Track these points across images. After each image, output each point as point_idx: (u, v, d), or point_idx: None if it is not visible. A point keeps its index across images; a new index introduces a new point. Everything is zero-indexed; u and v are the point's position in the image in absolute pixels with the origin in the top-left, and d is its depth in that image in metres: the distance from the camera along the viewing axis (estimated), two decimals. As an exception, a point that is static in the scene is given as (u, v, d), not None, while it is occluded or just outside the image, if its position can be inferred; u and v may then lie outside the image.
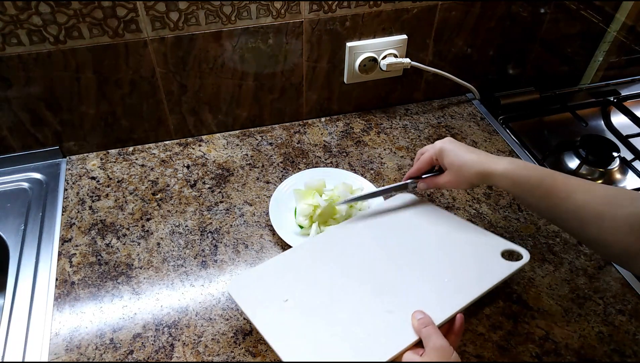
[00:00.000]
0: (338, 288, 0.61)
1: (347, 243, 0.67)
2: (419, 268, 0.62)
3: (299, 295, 0.60)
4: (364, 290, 0.60)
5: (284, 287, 0.61)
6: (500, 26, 0.95)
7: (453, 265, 0.62)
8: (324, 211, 0.73)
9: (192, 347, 0.62)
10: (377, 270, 0.63)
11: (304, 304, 0.59)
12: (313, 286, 0.61)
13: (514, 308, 0.67)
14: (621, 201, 0.53)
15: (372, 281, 0.61)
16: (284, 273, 0.63)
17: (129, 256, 0.72)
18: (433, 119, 0.99)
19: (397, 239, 0.67)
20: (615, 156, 0.89)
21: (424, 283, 0.60)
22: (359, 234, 0.69)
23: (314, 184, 0.77)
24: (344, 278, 0.62)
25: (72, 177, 0.84)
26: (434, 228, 0.68)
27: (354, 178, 0.83)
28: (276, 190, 0.80)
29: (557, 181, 0.57)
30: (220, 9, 0.77)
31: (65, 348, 0.62)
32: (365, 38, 0.89)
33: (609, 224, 0.52)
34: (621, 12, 1.02)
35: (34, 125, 0.82)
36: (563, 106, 1.03)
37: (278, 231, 0.73)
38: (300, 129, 0.95)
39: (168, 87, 0.84)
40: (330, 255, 0.66)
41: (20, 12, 0.69)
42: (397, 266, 0.63)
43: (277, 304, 0.59)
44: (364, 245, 0.67)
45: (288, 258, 0.65)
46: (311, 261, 0.65)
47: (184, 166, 0.87)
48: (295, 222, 0.76)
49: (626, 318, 0.66)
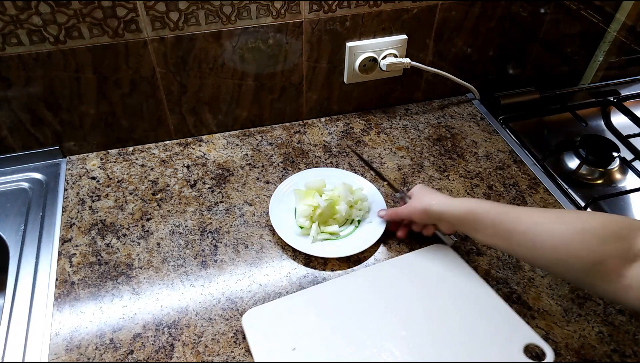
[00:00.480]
0: (345, 346, 0.60)
1: (364, 298, 0.65)
2: (436, 341, 0.59)
3: (306, 347, 0.59)
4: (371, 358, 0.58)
5: (293, 333, 0.61)
6: (500, 26, 0.95)
7: (473, 349, 0.58)
8: (324, 212, 0.73)
9: (192, 347, 0.62)
10: (390, 338, 0.60)
11: (310, 356, 0.58)
12: (322, 339, 0.60)
13: (514, 308, 0.67)
14: (567, 218, 0.56)
15: (383, 348, 0.59)
16: (296, 316, 0.63)
17: (129, 256, 0.72)
18: (433, 119, 0.99)
19: (417, 303, 0.64)
20: (615, 156, 0.89)
21: (439, 357, 0.57)
22: (380, 289, 0.66)
23: (314, 184, 0.77)
24: (353, 336, 0.60)
25: (72, 177, 0.84)
26: (459, 299, 0.64)
27: (354, 178, 0.83)
28: (276, 190, 0.80)
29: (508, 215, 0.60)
30: (220, 9, 0.77)
31: (65, 348, 0.62)
32: (365, 38, 0.89)
33: (561, 243, 0.54)
34: (621, 12, 1.02)
35: (34, 125, 0.82)
36: (563, 106, 1.03)
37: (278, 232, 0.73)
38: (300, 129, 0.95)
39: (168, 87, 0.84)
40: (344, 306, 0.64)
41: (20, 12, 0.69)
42: (413, 331, 0.60)
43: (285, 351, 0.59)
44: (385, 304, 0.64)
45: (304, 300, 0.65)
46: (325, 309, 0.64)
47: (184, 166, 0.87)
48: (295, 223, 0.76)
49: (626, 318, 0.66)
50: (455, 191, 0.83)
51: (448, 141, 0.94)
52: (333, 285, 0.67)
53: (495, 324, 0.61)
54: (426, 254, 0.71)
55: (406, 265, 0.69)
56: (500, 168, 0.88)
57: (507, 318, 0.62)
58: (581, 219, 0.56)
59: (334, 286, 0.67)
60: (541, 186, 0.85)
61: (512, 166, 0.89)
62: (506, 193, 0.83)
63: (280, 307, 0.64)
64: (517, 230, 0.58)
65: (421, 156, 0.90)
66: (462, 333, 0.61)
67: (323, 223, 0.74)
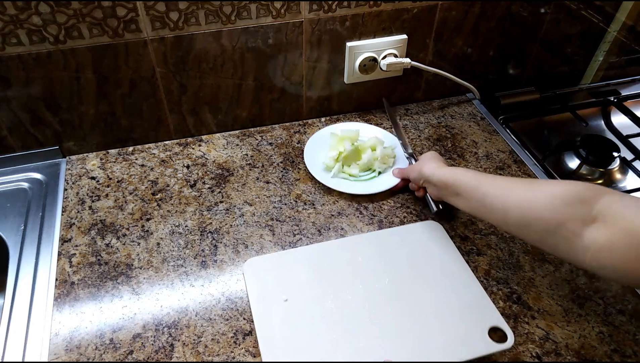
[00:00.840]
0: (330, 302, 0.65)
1: (356, 260, 0.71)
2: (410, 312, 0.64)
3: (297, 300, 0.65)
4: (352, 319, 0.63)
5: (289, 285, 0.67)
6: (500, 26, 0.95)
7: (442, 324, 0.63)
8: (348, 155, 0.84)
9: (192, 347, 0.62)
10: (373, 301, 0.65)
11: (299, 309, 0.64)
12: (312, 296, 0.66)
13: (514, 308, 0.67)
14: (537, 185, 0.60)
15: (363, 311, 0.64)
16: (292, 270, 0.69)
17: (129, 256, 0.72)
18: (433, 119, 0.99)
19: (404, 274, 0.69)
20: (616, 156, 0.89)
21: (409, 329, 0.62)
22: (372, 254, 0.71)
23: (348, 132, 0.88)
24: (339, 296, 0.66)
25: (72, 177, 0.84)
26: (439, 276, 0.69)
27: (390, 138, 0.92)
28: (316, 133, 0.92)
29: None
30: (220, 8, 0.77)
31: (65, 348, 0.62)
32: (365, 38, 0.89)
33: (528, 205, 0.57)
34: (621, 12, 1.02)
35: (34, 125, 0.82)
36: (563, 106, 1.03)
37: (308, 166, 0.84)
38: (300, 129, 0.95)
39: (168, 87, 0.84)
40: (336, 267, 0.69)
41: (20, 12, 0.69)
42: (393, 301, 0.65)
43: (278, 301, 0.65)
44: (372, 268, 0.69)
45: (302, 256, 0.71)
46: (319, 267, 0.69)
47: (183, 166, 0.87)
48: (323, 161, 0.85)
49: (626, 318, 0.66)
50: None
51: (448, 141, 0.94)
52: (331, 245, 0.73)
53: (468, 304, 0.65)
54: (418, 229, 0.75)
55: (397, 236, 0.74)
56: (501, 168, 0.88)
57: (479, 299, 0.66)
58: (549, 184, 0.59)
59: (331, 247, 0.72)
60: (541, 186, 0.85)
61: (513, 166, 0.89)
62: (506, 193, 0.83)
63: (280, 259, 0.70)
64: (490, 193, 0.62)
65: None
66: (435, 307, 0.65)
67: (347, 165, 0.85)
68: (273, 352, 0.60)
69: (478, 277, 0.70)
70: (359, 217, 0.78)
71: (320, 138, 0.90)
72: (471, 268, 0.70)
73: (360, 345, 0.60)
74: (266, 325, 0.62)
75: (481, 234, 0.76)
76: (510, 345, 0.60)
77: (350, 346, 0.60)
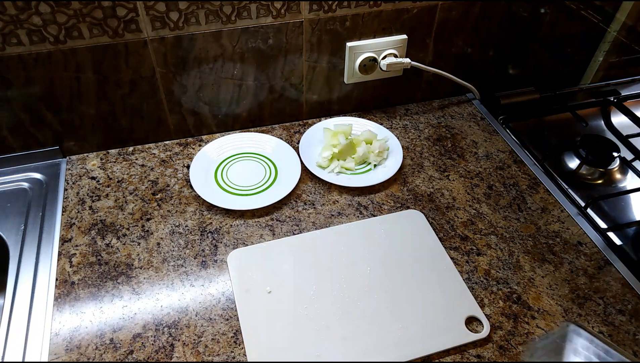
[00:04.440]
0: (311, 293, 0.66)
1: (339, 249, 0.72)
2: (390, 301, 0.66)
3: (280, 291, 0.66)
4: (334, 309, 0.65)
5: (272, 277, 0.68)
6: (500, 26, 0.95)
7: (422, 314, 0.65)
8: (343, 149, 0.85)
9: (192, 347, 0.62)
10: (354, 290, 0.67)
11: (282, 300, 0.65)
12: (295, 287, 0.67)
13: (514, 308, 0.67)
14: None
15: (345, 301, 0.66)
16: (276, 262, 0.70)
17: (129, 256, 0.72)
18: (433, 119, 0.99)
19: (385, 263, 0.70)
20: (616, 156, 0.89)
21: (389, 319, 0.64)
22: (354, 243, 0.73)
23: (342, 126, 0.89)
24: (322, 287, 0.67)
25: (72, 177, 0.84)
26: (420, 265, 0.70)
27: (382, 130, 0.93)
28: (310, 128, 0.92)
29: None
30: (220, 8, 0.77)
31: (65, 348, 0.62)
32: (365, 38, 0.89)
33: None
34: (621, 12, 1.02)
35: (34, 125, 0.82)
36: (563, 106, 1.03)
37: (305, 162, 0.85)
38: (301, 130, 0.95)
39: (168, 87, 0.84)
40: (319, 258, 0.71)
41: (20, 12, 0.69)
42: (374, 290, 0.67)
43: (262, 292, 0.66)
44: (354, 257, 0.71)
45: (285, 248, 0.72)
46: (303, 258, 0.71)
47: (184, 166, 0.87)
48: (320, 155, 0.86)
49: (626, 318, 0.66)
50: (455, 191, 0.84)
51: (448, 141, 0.94)
52: (313, 236, 0.74)
53: (447, 293, 0.67)
54: (401, 218, 0.77)
55: (380, 225, 0.76)
56: (501, 167, 0.88)
57: (458, 289, 0.68)
58: None
59: (314, 237, 0.74)
60: (541, 186, 0.85)
61: (512, 166, 0.89)
62: (506, 193, 0.83)
63: (262, 251, 0.71)
64: None
65: (421, 156, 0.90)
66: (414, 297, 0.66)
67: (342, 159, 0.86)
68: (256, 342, 0.61)
69: (478, 277, 0.70)
70: (359, 217, 0.78)
71: (314, 132, 0.92)
72: (471, 268, 0.70)
73: (342, 334, 0.62)
74: (250, 317, 0.64)
75: (481, 234, 0.76)
76: (485, 335, 0.62)
77: (332, 335, 0.62)
